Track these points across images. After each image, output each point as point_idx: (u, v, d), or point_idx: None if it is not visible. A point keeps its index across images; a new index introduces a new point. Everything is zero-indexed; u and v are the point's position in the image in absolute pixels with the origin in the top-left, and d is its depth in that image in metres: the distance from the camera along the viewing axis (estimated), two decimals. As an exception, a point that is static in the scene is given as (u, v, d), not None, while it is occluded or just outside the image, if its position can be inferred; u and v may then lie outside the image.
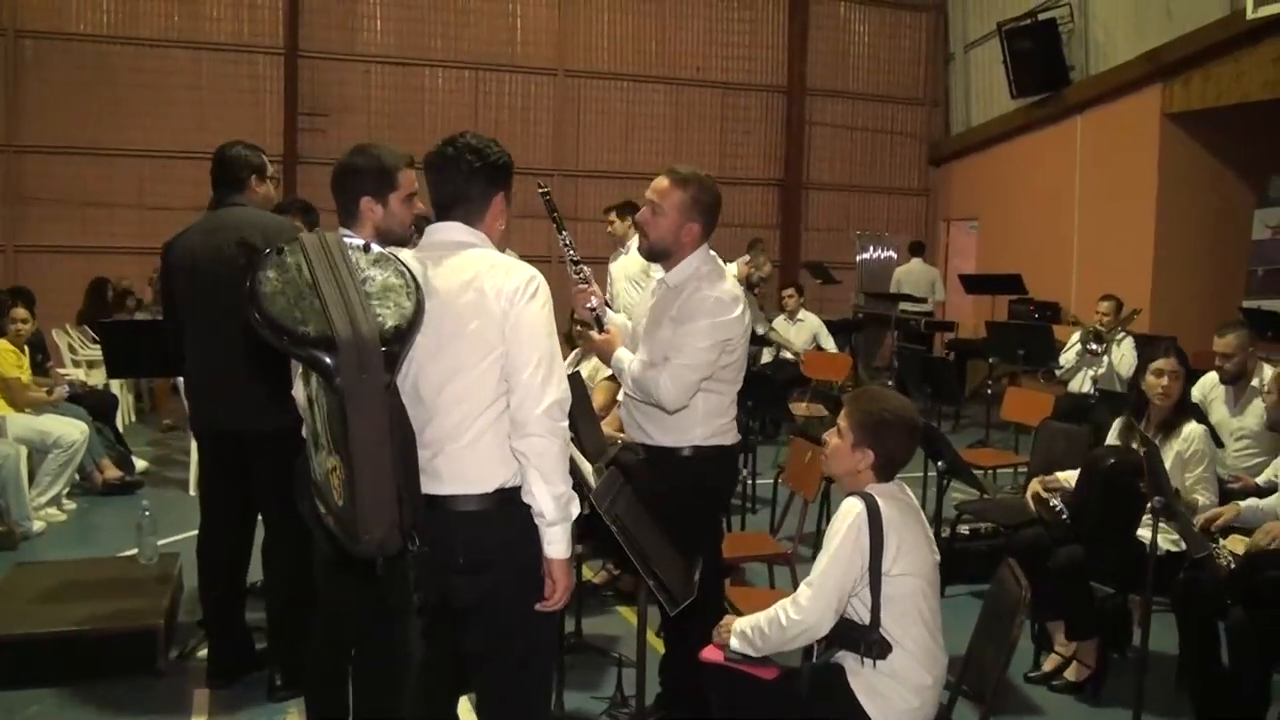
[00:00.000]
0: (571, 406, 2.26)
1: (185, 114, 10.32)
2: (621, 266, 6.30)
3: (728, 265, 3.72)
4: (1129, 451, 3.58)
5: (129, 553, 4.58)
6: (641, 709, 2.86)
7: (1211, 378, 4.75)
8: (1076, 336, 7.07)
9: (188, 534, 4.52)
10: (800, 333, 8.55)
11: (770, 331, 8.48)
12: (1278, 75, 7.85)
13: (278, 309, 1.89)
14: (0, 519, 5.23)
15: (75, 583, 4.10)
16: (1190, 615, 3.49)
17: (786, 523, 5.35)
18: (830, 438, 2.57)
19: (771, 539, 4.59)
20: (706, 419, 3.00)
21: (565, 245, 3.07)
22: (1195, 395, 4.66)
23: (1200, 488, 3.78)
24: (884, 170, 12.98)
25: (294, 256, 1.97)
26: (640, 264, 5.44)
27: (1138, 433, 3.70)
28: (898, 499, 2.46)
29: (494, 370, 2.19)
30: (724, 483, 3.28)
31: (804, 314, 8.68)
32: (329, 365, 1.86)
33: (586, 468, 2.58)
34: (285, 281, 1.92)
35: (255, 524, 3.61)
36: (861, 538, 2.36)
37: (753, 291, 7.24)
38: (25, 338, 6.07)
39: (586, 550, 3.52)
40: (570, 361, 4.48)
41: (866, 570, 2.36)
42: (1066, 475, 3.92)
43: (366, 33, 10.99)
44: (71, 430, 5.78)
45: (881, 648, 2.37)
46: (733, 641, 2.53)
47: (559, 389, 2.20)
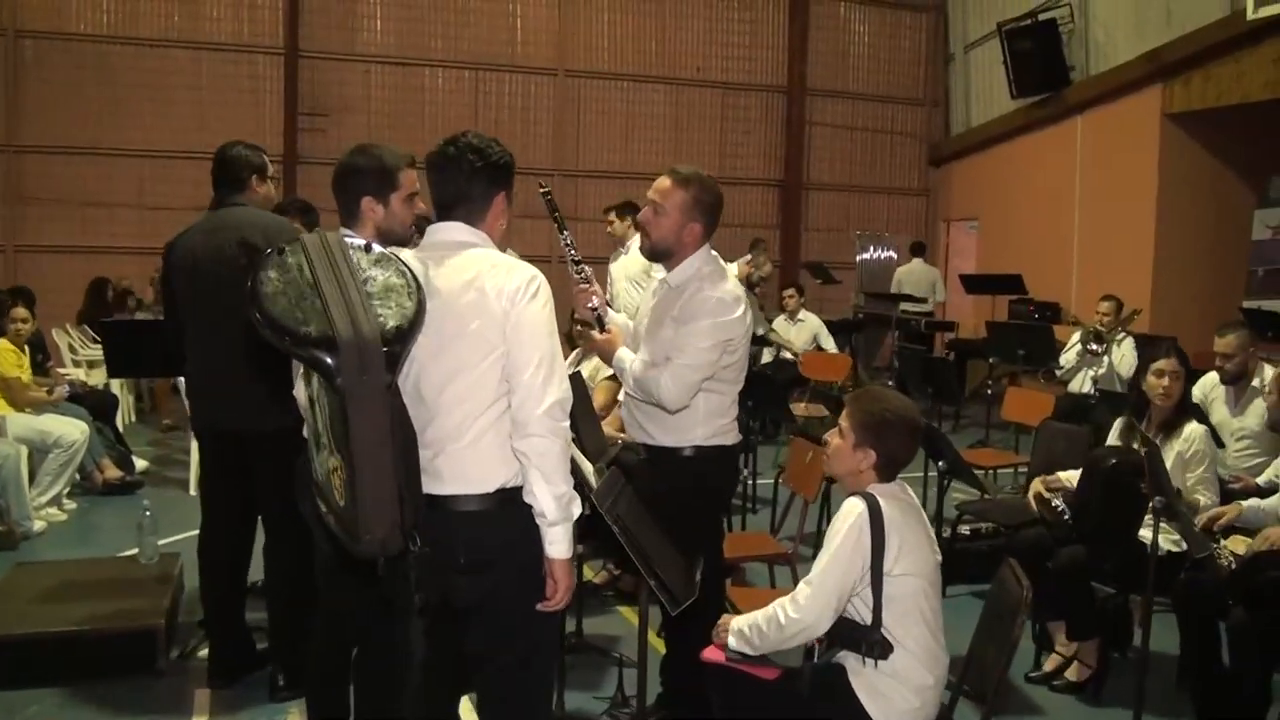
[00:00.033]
0: (572, 406, 2.25)
1: (185, 114, 10.33)
2: (622, 267, 6.30)
3: (728, 265, 3.72)
4: (1130, 452, 3.58)
5: (129, 553, 4.58)
6: (642, 709, 2.85)
7: (1212, 378, 4.75)
8: (1077, 337, 7.06)
9: (188, 534, 4.52)
10: (800, 333, 8.54)
11: (770, 332, 8.47)
12: (1278, 76, 7.84)
13: (279, 309, 1.89)
14: (0, 519, 5.23)
15: (75, 583, 4.10)
16: (1191, 615, 3.49)
17: (787, 523, 5.35)
18: (832, 438, 2.56)
19: (772, 539, 4.60)
20: (708, 419, 3.00)
21: (566, 245, 3.07)
22: (1196, 395, 4.66)
23: (1201, 488, 3.78)
24: (884, 170, 12.98)
25: (295, 257, 1.97)
26: (640, 264, 5.44)
27: (1139, 433, 3.71)
28: (899, 499, 2.46)
29: (495, 370, 2.19)
30: (725, 483, 3.28)
31: (804, 314, 8.68)
32: (330, 365, 1.86)
33: (588, 468, 2.57)
34: (287, 282, 1.92)
35: (256, 524, 3.61)
36: (863, 538, 2.36)
37: (753, 291, 7.24)
38: (25, 337, 6.07)
39: (588, 550, 3.52)
40: (571, 361, 4.47)
41: (868, 570, 2.36)
42: (1068, 475, 3.92)
43: (366, 33, 10.99)
44: (72, 430, 5.78)
45: (883, 648, 2.37)
46: (730, 640, 2.52)
47: (560, 389, 2.20)
